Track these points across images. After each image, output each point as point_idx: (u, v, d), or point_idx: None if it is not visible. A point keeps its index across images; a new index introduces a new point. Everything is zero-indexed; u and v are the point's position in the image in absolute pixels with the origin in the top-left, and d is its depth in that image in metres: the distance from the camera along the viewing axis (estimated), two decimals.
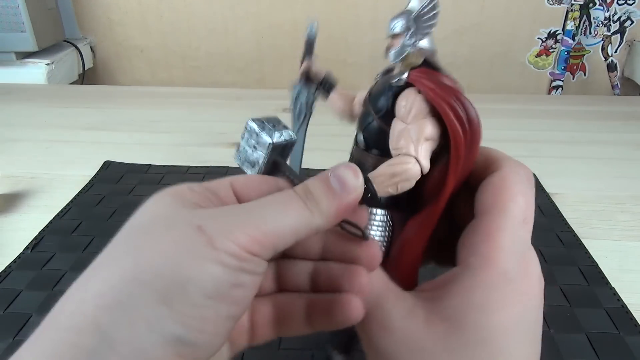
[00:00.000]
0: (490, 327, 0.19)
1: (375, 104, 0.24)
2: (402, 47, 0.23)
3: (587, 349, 0.35)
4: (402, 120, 0.22)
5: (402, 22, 0.23)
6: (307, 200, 0.20)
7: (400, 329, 0.20)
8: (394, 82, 0.23)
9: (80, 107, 0.83)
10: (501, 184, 0.22)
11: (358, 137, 0.25)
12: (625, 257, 0.45)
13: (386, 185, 0.21)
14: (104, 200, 0.53)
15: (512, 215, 0.21)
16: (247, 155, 0.24)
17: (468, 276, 0.20)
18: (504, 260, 0.20)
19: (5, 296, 0.39)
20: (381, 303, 0.21)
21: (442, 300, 0.20)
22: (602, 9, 1.23)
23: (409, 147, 0.21)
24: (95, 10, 1.32)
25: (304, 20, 1.51)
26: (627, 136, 0.72)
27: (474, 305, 0.19)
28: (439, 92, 0.21)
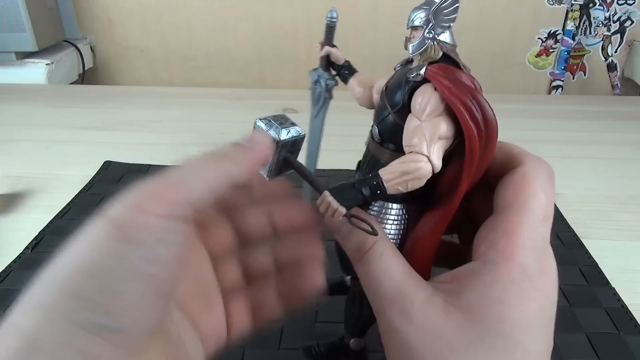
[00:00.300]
0: (508, 321, 0.19)
1: (392, 98, 0.23)
2: (421, 40, 0.22)
3: (587, 349, 0.35)
4: (417, 117, 0.21)
5: (423, 14, 0.22)
6: (219, 154, 0.21)
7: (420, 316, 0.20)
8: (411, 77, 0.22)
9: (80, 107, 0.83)
10: (522, 180, 0.22)
11: (374, 130, 0.25)
12: (625, 257, 0.45)
13: (396, 183, 0.21)
14: (104, 200, 0.53)
15: (533, 211, 0.21)
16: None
17: (487, 271, 0.20)
18: (523, 256, 0.20)
19: (5, 296, 0.39)
20: (403, 289, 0.21)
21: (460, 293, 0.20)
22: (602, 9, 1.23)
23: (421, 146, 0.21)
24: (95, 10, 1.32)
25: (304, 20, 1.52)
26: (627, 136, 0.72)
27: (493, 299, 0.20)
28: (455, 90, 0.21)
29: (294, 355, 0.34)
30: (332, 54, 0.31)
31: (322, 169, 0.59)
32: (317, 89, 0.32)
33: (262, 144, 0.22)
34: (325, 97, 0.32)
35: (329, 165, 0.59)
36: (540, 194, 0.21)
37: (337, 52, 0.31)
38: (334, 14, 0.31)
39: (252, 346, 0.35)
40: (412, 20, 0.23)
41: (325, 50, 0.31)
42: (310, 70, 0.32)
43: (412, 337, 0.20)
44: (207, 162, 0.20)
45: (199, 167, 0.20)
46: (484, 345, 0.19)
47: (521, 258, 0.20)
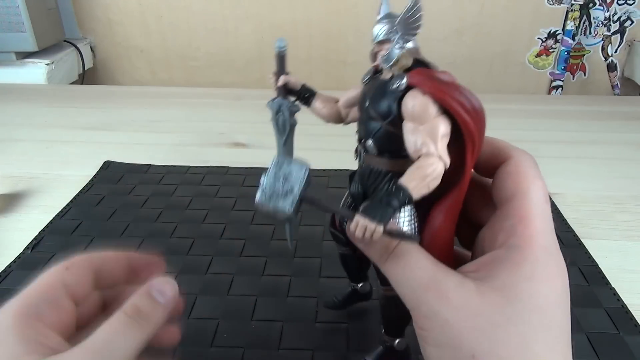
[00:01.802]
0: (541, 296, 0.21)
1: (380, 110, 0.24)
2: (391, 52, 0.24)
3: (587, 349, 0.35)
4: (416, 122, 0.23)
5: (386, 27, 0.24)
6: (139, 318, 0.23)
7: (457, 296, 0.21)
8: (394, 87, 0.23)
9: (80, 107, 0.83)
10: (518, 171, 0.24)
11: (367, 144, 0.26)
12: (625, 257, 0.45)
13: (420, 188, 0.22)
14: (104, 200, 0.53)
15: (537, 196, 0.23)
16: (275, 189, 0.24)
17: (513, 254, 0.22)
18: (543, 237, 0.22)
19: (5, 296, 0.39)
20: (436, 275, 0.22)
21: (490, 277, 0.21)
22: (602, 9, 1.23)
23: (429, 147, 0.22)
24: (95, 10, 1.32)
25: (304, 20, 1.52)
26: (627, 136, 0.72)
27: (525, 277, 0.21)
28: (443, 89, 0.22)
29: (294, 355, 0.34)
30: (289, 82, 0.31)
31: (323, 168, 0.59)
32: (281, 118, 0.32)
33: (172, 301, 0.25)
34: (292, 123, 0.32)
35: (329, 166, 0.59)
36: (537, 180, 0.24)
37: (292, 78, 0.32)
38: (282, 43, 0.31)
39: (252, 346, 0.35)
40: (377, 35, 0.24)
41: (282, 80, 0.31)
42: (269, 102, 0.32)
43: (452, 316, 0.21)
44: (132, 331, 0.23)
45: (126, 338, 0.23)
46: (522, 320, 0.20)
47: (542, 240, 0.22)
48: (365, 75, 0.27)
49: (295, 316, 0.38)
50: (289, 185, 0.24)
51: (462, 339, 0.20)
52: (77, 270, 0.26)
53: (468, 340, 0.20)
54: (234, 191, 0.55)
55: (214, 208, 0.52)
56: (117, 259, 0.29)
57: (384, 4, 0.25)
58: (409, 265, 0.23)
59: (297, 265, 0.43)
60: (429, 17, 0.89)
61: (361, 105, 0.26)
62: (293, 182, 0.24)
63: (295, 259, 0.44)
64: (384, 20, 0.24)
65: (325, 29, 1.30)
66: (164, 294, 0.25)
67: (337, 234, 0.32)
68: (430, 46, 1.32)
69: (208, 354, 0.34)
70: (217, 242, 0.47)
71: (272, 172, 0.24)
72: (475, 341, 0.20)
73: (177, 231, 0.48)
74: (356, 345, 0.35)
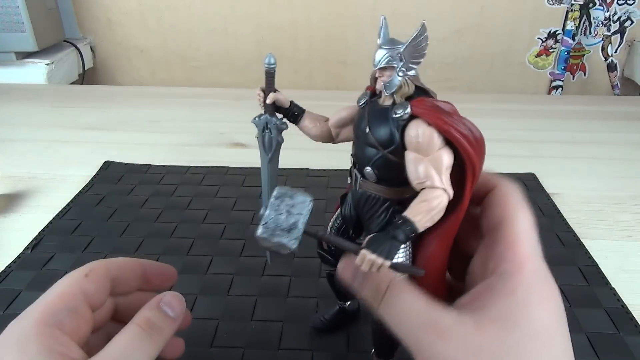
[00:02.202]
0: (538, 320, 0.21)
1: (381, 139, 0.24)
2: (394, 79, 0.24)
3: (587, 349, 0.35)
4: (421, 152, 0.23)
5: (389, 53, 0.24)
6: (152, 331, 0.24)
7: (456, 334, 0.21)
8: (397, 116, 0.23)
9: (80, 107, 0.83)
10: (504, 199, 0.24)
11: (365, 171, 0.25)
12: (625, 257, 0.45)
13: (425, 221, 0.22)
14: (104, 200, 0.53)
15: (523, 222, 0.24)
16: (278, 223, 0.23)
17: (506, 281, 0.22)
18: (532, 263, 0.22)
19: (5, 296, 0.39)
20: (431, 316, 0.22)
21: (485, 307, 0.21)
22: (602, 9, 1.23)
23: (434, 180, 0.22)
24: (95, 10, 1.32)
25: (304, 21, 1.52)
26: (627, 136, 0.72)
27: (520, 303, 0.21)
28: (448, 121, 0.22)
29: (294, 355, 0.34)
30: (278, 99, 0.31)
31: (323, 168, 0.59)
32: (267, 136, 0.32)
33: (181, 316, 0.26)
34: (278, 141, 0.32)
35: (329, 166, 0.59)
36: (523, 208, 0.24)
37: (281, 96, 0.31)
38: (272, 60, 0.30)
39: (252, 346, 0.35)
40: (379, 61, 0.24)
41: (271, 97, 0.31)
42: (255, 119, 0.32)
43: (454, 355, 0.20)
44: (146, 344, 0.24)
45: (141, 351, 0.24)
46: (523, 348, 0.20)
47: (531, 264, 0.22)
48: (361, 97, 0.27)
49: (295, 316, 0.38)
50: (293, 219, 0.23)
51: None
52: (96, 278, 0.26)
53: None
54: (234, 191, 0.55)
55: (214, 208, 0.52)
56: (133, 267, 0.29)
57: (383, 28, 0.25)
58: (403, 307, 0.23)
59: (297, 265, 0.43)
60: (429, 17, 0.90)
61: (358, 130, 0.26)
62: (297, 216, 0.23)
63: (295, 259, 0.44)
64: (386, 46, 0.24)
65: (325, 29, 1.30)
66: (174, 309, 0.26)
67: (324, 254, 0.31)
68: (430, 46, 1.31)
69: (208, 354, 0.34)
70: (217, 242, 0.47)
71: (274, 205, 0.23)
72: None
73: (177, 231, 0.48)
74: (356, 345, 0.35)
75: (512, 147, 0.67)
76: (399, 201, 0.25)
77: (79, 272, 0.26)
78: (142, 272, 0.29)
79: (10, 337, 0.23)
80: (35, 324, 0.23)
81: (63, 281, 0.26)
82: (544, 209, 0.52)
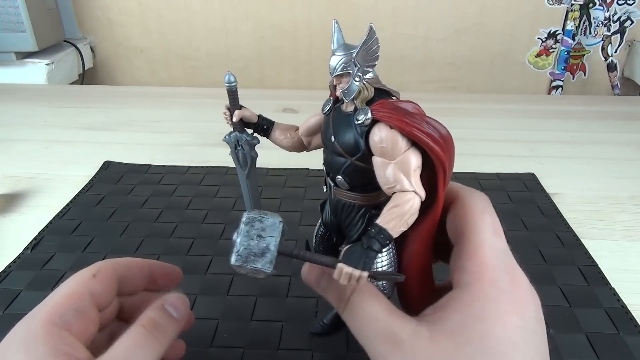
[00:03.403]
0: (492, 336, 0.20)
1: (347, 147, 0.24)
2: (351, 85, 0.23)
3: (587, 349, 0.35)
4: (386, 157, 0.22)
5: (343, 59, 0.23)
6: (156, 332, 0.24)
7: (410, 347, 0.21)
8: (359, 122, 0.23)
9: (80, 107, 0.83)
10: (465, 209, 0.24)
11: (337, 180, 0.25)
12: (625, 257, 0.45)
13: (399, 226, 0.22)
14: (103, 200, 0.53)
15: (483, 231, 0.23)
16: (251, 248, 0.23)
17: (464, 293, 0.22)
18: (491, 271, 0.22)
19: (5, 296, 0.39)
20: (389, 326, 0.22)
21: (443, 319, 0.21)
22: (602, 9, 1.23)
23: (403, 184, 0.22)
24: (95, 10, 1.32)
25: (304, 20, 1.51)
26: (627, 136, 0.72)
27: (475, 318, 0.21)
28: (410, 121, 0.22)
29: (293, 355, 0.34)
30: (245, 115, 0.31)
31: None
32: (241, 153, 0.32)
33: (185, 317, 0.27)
34: (252, 156, 0.32)
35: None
36: (483, 214, 0.24)
37: (247, 112, 0.31)
38: (232, 78, 0.30)
39: (252, 346, 0.35)
40: (335, 68, 0.23)
41: (237, 115, 0.31)
42: (225, 138, 0.32)
43: None
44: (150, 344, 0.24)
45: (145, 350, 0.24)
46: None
47: (490, 274, 0.22)
48: (325, 105, 0.26)
49: (295, 316, 0.38)
50: (265, 243, 0.23)
51: None
52: (104, 279, 0.26)
53: None
54: (234, 191, 0.55)
55: (214, 208, 0.52)
56: (139, 267, 0.29)
57: (336, 33, 0.25)
58: (363, 317, 0.23)
59: (297, 265, 0.43)
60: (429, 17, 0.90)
61: (325, 138, 0.26)
62: (268, 239, 0.23)
63: (295, 259, 0.44)
64: (339, 53, 0.23)
65: (325, 29, 1.30)
66: (178, 310, 0.26)
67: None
68: (430, 46, 1.32)
69: (208, 354, 0.34)
70: (217, 242, 0.47)
71: (244, 230, 0.23)
72: None
73: (177, 231, 0.48)
74: (356, 345, 0.35)
75: (512, 147, 0.67)
76: (375, 206, 0.25)
77: (86, 272, 0.26)
78: (148, 272, 0.29)
79: (17, 336, 0.23)
80: (42, 324, 0.23)
81: (71, 281, 0.26)
82: (543, 209, 0.52)
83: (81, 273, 0.26)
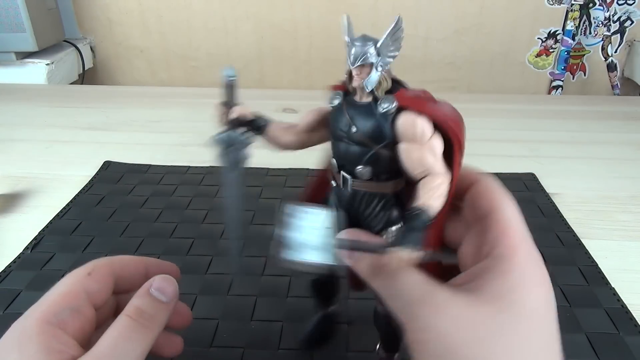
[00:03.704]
0: (532, 303, 0.22)
1: (371, 135, 0.24)
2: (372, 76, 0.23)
3: (587, 349, 0.35)
4: (417, 143, 0.23)
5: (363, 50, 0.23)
6: (143, 320, 0.24)
7: (452, 308, 0.22)
8: (385, 111, 0.24)
9: (80, 107, 0.83)
10: (489, 190, 0.26)
11: (357, 171, 0.25)
12: (625, 257, 0.45)
13: (437, 207, 0.23)
14: (103, 201, 0.53)
15: (511, 210, 0.25)
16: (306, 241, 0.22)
17: (501, 263, 0.23)
18: (526, 247, 0.23)
19: (5, 296, 0.39)
20: (429, 289, 0.23)
21: (480, 288, 0.22)
22: (602, 9, 1.23)
23: (435, 167, 0.23)
24: (95, 10, 1.32)
25: (304, 20, 1.51)
26: (627, 136, 0.72)
27: (513, 286, 0.22)
28: (434, 108, 0.23)
29: (293, 355, 0.34)
30: (242, 114, 0.29)
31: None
32: (233, 153, 0.29)
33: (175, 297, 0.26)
34: (245, 157, 0.29)
35: None
36: (507, 198, 0.25)
37: (245, 109, 0.29)
38: (231, 72, 0.28)
39: (252, 346, 0.35)
40: (356, 59, 0.23)
41: (238, 111, 0.29)
42: (216, 137, 0.29)
43: (448, 328, 0.21)
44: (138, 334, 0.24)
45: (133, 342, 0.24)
46: (514, 329, 0.21)
47: (525, 248, 0.23)
48: (333, 98, 0.26)
49: (295, 316, 0.38)
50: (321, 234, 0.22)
51: (459, 349, 0.21)
52: (99, 277, 0.26)
53: (464, 351, 0.21)
54: None
55: (214, 208, 0.52)
56: (135, 265, 0.29)
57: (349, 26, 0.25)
58: (401, 281, 0.23)
59: None
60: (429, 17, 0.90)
61: (339, 130, 0.25)
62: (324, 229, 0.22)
63: None
64: (358, 43, 0.24)
65: (325, 29, 1.30)
66: (165, 293, 0.26)
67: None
68: (430, 46, 1.32)
69: (208, 354, 0.34)
70: (217, 242, 0.47)
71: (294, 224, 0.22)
72: (471, 351, 0.21)
73: (177, 231, 0.48)
74: (356, 345, 0.35)
75: (512, 147, 0.67)
76: (394, 194, 0.26)
77: (81, 270, 0.26)
78: (145, 270, 0.29)
79: (12, 336, 0.23)
80: (37, 323, 0.23)
81: (66, 280, 0.26)
82: (543, 209, 0.52)
83: (76, 272, 0.26)
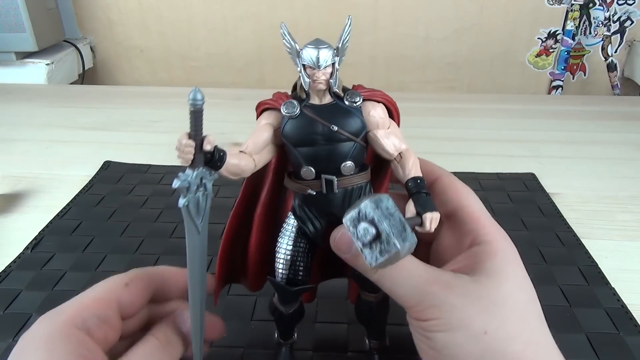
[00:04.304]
0: (520, 277, 0.26)
1: (352, 130, 0.26)
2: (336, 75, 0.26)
3: (587, 349, 0.35)
4: (385, 127, 0.27)
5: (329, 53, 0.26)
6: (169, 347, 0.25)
7: (460, 286, 0.24)
8: (356, 105, 0.27)
9: (80, 107, 0.83)
10: (454, 185, 0.29)
11: (344, 167, 0.26)
12: (625, 257, 0.45)
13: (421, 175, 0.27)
14: (103, 201, 0.53)
15: (478, 203, 0.29)
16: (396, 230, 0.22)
17: (488, 247, 0.26)
18: (500, 231, 0.27)
19: (5, 296, 0.39)
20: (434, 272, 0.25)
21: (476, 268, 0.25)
22: (602, 9, 1.23)
23: (401, 145, 0.27)
24: (95, 10, 1.32)
25: (304, 20, 1.51)
26: (627, 136, 0.72)
27: (504, 264, 0.25)
28: (384, 95, 0.28)
29: (293, 355, 0.34)
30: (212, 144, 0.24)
31: None
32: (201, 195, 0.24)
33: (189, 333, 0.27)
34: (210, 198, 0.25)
35: None
36: (470, 192, 0.29)
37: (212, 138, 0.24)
38: (198, 95, 0.23)
39: (251, 346, 0.35)
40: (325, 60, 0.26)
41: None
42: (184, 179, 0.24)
43: (460, 301, 0.24)
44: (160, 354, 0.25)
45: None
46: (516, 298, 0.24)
47: (500, 233, 0.27)
48: (289, 108, 0.27)
49: None
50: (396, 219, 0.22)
51: (472, 319, 0.23)
52: (135, 290, 0.26)
53: (477, 320, 0.23)
54: (234, 191, 0.55)
55: (214, 208, 0.51)
56: (177, 279, 0.29)
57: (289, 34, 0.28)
58: (406, 268, 0.25)
59: None
60: (429, 17, 0.90)
61: (315, 135, 0.26)
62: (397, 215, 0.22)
63: None
64: (323, 46, 0.26)
65: (325, 29, 1.30)
66: (185, 326, 0.27)
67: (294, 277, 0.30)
68: (430, 46, 1.32)
69: (208, 354, 0.34)
70: (217, 242, 0.47)
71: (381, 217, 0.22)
72: (484, 320, 0.23)
73: (177, 231, 0.48)
74: (356, 345, 0.35)
75: (512, 147, 0.67)
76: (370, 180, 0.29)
77: (120, 278, 0.26)
78: (184, 282, 0.28)
79: (39, 333, 0.23)
80: (65, 325, 0.23)
81: (102, 286, 0.26)
82: (543, 209, 0.52)
83: (114, 279, 0.26)
